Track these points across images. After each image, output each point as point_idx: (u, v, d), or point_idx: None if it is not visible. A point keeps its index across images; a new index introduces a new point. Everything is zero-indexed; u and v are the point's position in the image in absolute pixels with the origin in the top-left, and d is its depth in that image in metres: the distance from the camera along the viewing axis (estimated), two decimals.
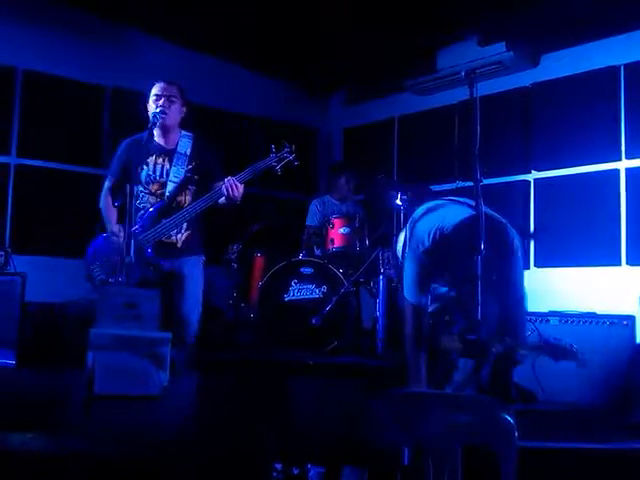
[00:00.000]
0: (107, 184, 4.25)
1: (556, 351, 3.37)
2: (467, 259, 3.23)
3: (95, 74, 6.16)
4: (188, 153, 4.21)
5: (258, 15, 5.92)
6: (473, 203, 3.33)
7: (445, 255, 3.51)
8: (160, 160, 4.18)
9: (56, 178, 5.96)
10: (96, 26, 6.11)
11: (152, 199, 4.14)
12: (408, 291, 3.65)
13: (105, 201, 4.21)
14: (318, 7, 5.64)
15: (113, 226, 4.09)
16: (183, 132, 4.28)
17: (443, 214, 3.61)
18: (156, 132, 4.20)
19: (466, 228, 3.34)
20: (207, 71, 6.76)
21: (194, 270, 4.22)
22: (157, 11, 5.91)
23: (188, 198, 4.18)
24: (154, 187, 4.15)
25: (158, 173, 4.16)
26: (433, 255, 3.55)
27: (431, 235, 3.53)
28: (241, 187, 4.03)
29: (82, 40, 6.05)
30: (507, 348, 3.38)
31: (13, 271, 5.11)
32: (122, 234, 3.92)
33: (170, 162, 4.17)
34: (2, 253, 5.19)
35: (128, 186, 3.53)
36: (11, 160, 5.79)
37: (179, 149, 4.20)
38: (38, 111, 5.88)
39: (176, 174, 4.15)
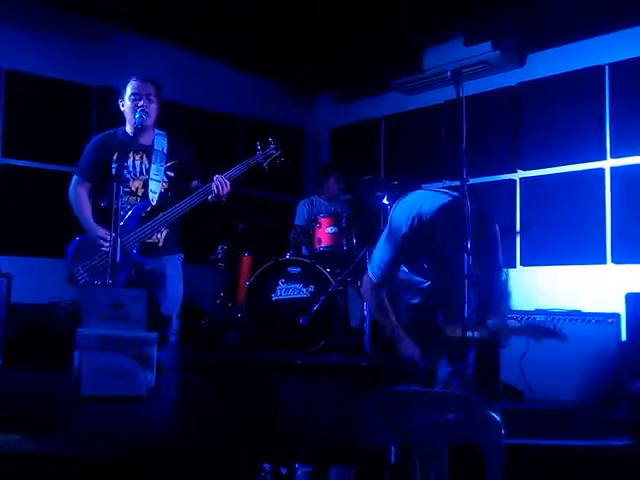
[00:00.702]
0: (76, 180, 4.14)
1: (540, 332, 3.39)
2: (449, 244, 3.24)
3: (81, 74, 6.13)
4: (165, 151, 4.16)
5: (245, 15, 5.91)
6: (447, 191, 3.35)
7: (425, 241, 3.49)
8: (138, 157, 4.10)
9: (42, 178, 5.93)
10: (82, 26, 6.08)
11: (132, 199, 4.07)
12: (374, 271, 3.64)
13: (77, 198, 4.11)
14: (305, 7, 5.65)
15: (96, 228, 4.00)
16: (157, 130, 4.21)
17: (420, 200, 3.58)
18: (130, 129, 4.13)
19: (447, 212, 3.34)
20: (194, 70, 6.75)
21: (175, 269, 4.21)
22: (144, 10, 5.89)
23: (165, 196, 4.14)
24: (135, 185, 4.07)
25: (138, 170, 4.09)
26: (412, 241, 3.53)
27: (409, 221, 3.51)
28: (229, 185, 4.03)
29: (68, 40, 6.03)
30: (491, 332, 3.38)
31: None
32: (109, 238, 3.91)
33: (149, 159, 4.11)
34: None
35: (115, 185, 3.49)
36: None
37: (156, 147, 4.14)
38: (23, 111, 5.85)
39: (156, 172, 4.10)
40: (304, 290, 5.31)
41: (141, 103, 4.04)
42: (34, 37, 5.88)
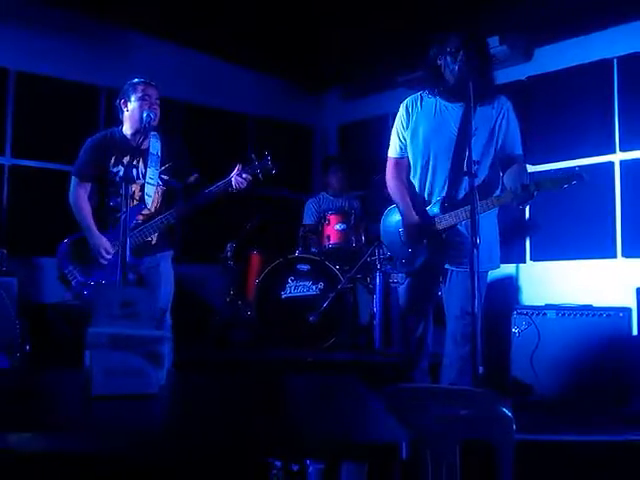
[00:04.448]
0: (76, 181, 4.11)
1: (560, 180, 3.35)
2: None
3: (89, 74, 6.15)
4: (159, 154, 4.13)
5: (253, 13, 5.91)
6: None
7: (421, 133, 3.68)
8: (135, 161, 4.05)
9: (51, 178, 5.95)
10: (89, 26, 6.10)
11: (130, 202, 3.93)
12: (390, 149, 3.83)
13: (76, 201, 4.08)
14: (313, 4, 5.64)
15: (100, 237, 3.99)
16: (151, 132, 4.18)
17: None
18: (130, 130, 4.09)
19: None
20: (202, 69, 6.77)
21: (167, 265, 4.22)
22: (151, 9, 5.90)
23: (159, 199, 4.14)
24: (132, 188, 4.00)
25: (135, 174, 4.04)
26: (412, 130, 3.73)
27: (409, 108, 3.77)
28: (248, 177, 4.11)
29: (76, 40, 6.05)
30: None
31: (8, 272, 5.11)
32: (111, 250, 3.94)
33: (145, 163, 4.08)
34: None
35: (123, 186, 3.50)
36: (5, 161, 5.78)
37: (151, 150, 4.11)
38: (32, 112, 5.88)
39: (152, 175, 4.07)
40: (313, 287, 5.31)
41: (149, 106, 4.00)
42: (43, 38, 5.90)
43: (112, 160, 4.02)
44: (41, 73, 5.92)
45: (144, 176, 4.07)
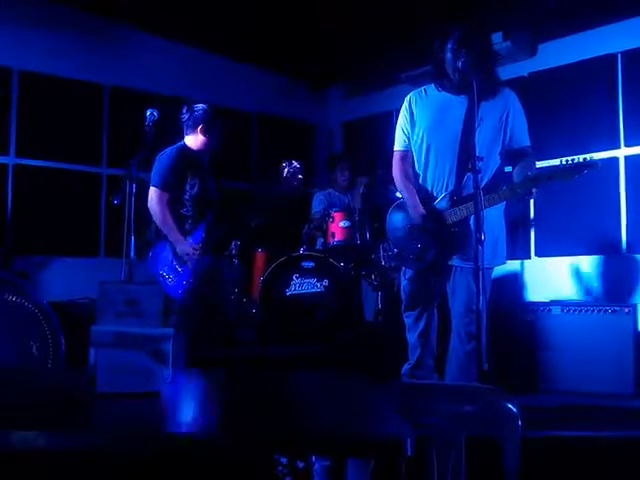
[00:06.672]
0: (159, 192, 4.20)
1: (571, 170, 3.34)
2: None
3: (93, 73, 6.16)
4: None
5: (255, 10, 5.91)
6: None
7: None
8: (200, 176, 4.40)
9: (56, 177, 5.96)
10: (93, 24, 6.11)
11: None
12: (395, 144, 3.82)
13: (163, 212, 4.20)
14: (315, 1, 5.64)
15: (183, 242, 4.22)
16: None
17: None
18: (204, 149, 4.41)
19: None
20: (205, 67, 6.76)
21: None
22: (154, 8, 5.90)
23: None
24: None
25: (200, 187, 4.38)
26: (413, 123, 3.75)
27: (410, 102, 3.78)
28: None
29: (79, 39, 6.05)
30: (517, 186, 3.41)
31: (14, 271, 5.12)
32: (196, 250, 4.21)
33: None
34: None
35: (127, 183, 3.53)
36: (9, 160, 5.79)
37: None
38: (36, 111, 5.89)
39: None
40: (318, 285, 5.31)
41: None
42: (46, 37, 5.91)
43: (188, 172, 4.23)
44: (44, 72, 5.93)
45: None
